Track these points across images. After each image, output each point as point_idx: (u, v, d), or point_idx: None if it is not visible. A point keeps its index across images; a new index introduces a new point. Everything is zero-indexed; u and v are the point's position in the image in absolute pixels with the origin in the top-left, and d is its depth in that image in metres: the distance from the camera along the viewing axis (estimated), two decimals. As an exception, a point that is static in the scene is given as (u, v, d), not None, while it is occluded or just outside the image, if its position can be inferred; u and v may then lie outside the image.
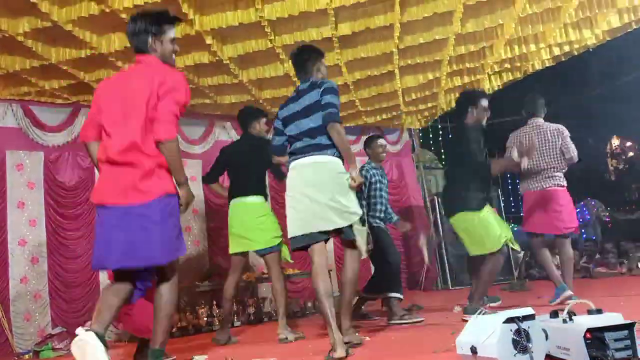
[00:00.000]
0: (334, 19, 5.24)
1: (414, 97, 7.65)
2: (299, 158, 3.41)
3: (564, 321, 2.25)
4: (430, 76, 7.06)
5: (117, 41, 5.21)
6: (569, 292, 4.74)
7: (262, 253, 4.56)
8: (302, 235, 3.39)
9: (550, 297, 4.89)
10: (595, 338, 2.08)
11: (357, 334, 3.73)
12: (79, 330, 2.54)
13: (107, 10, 4.57)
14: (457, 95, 4.96)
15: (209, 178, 5.04)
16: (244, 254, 4.66)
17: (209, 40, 5.24)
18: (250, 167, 4.64)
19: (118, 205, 2.66)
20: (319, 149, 3.36)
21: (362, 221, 4.68)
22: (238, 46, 5.60)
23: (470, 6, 5.43)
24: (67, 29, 4.81)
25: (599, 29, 6.44)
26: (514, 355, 2.08)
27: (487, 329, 2.15)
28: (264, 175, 4.82)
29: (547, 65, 7.42)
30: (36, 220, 6.27)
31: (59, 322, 6.08)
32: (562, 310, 2.31)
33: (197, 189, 7.52)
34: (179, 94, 2.77)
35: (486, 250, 4.27)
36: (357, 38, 5.87)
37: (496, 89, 8.05)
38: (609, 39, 6.81)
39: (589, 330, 2.08)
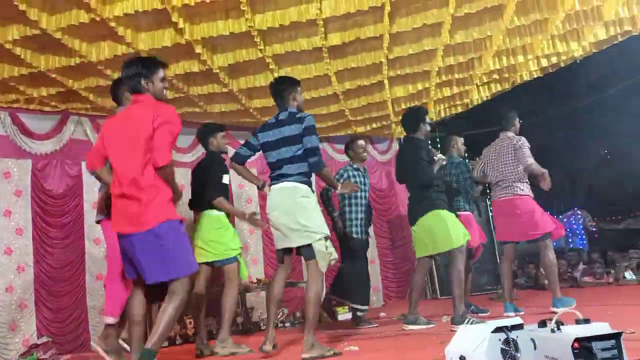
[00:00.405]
0: (323, 29, 5.26)
1: (403, 107, 7.68)
2: (272, 185, 3.95)
3: (552, 331, 2.26)
4: (420, 86, 7.11)
5: (107, 49, 5.19)
6: (510, 313, 4.94)
7: (218, 265, 4.67)
8: (277, 250, 4.01)
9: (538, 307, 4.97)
10: (583, 348, 2.09)
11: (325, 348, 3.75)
12: None
13: (97, 18, 4.56)
14: (407, 111, 5.26)
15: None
16: (209, 264, 4.70)
17: (199, 49, 5.24)
18: (206, 180, 4.74)
19: (129, 233, 3.10)
20: (286, 177, 3.84)
21: (338, 230, 4.81)
22: (228, 55, 5.61)
23: (459, 18, 5.48)
24: (56, 37, 4.79)
25: (586, 41, 6.53)
26: (503, 365, 2.09)
27: (476, 339, 2.16)
28: (222, 188, 4.80)
29: (535, 76, 7.50)
30: (23, 229, 6.21)
31: (44, 332, 6.00)
32: (551, 319, 2.32)
33: (185, 197, 7.50)
34: (172, 125, 3.15)
35: (454, 244, 4.54)
36: (347, 48, 5.90)
37: (485, 99, 8.12)
38: (595, 51, 6.91)
39: (576, 339, 2.09)
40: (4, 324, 5.87)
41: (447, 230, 4.58)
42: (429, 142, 4.86)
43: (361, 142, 5.84)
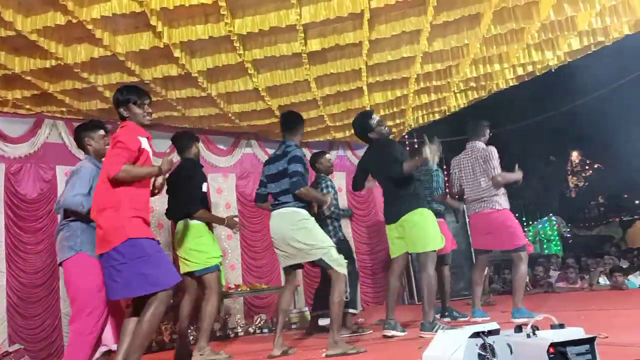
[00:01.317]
0: (303, 34, 5.27)
1: (382, 113, 7.72)
2: (273, 210, 4.37)
3: (528, 336, 2.28)
4: (398, 93, 7.16)
5: (83, 52, 5.12)
6: (478, 319, 5.02)
7: (199, 274, 4.57)
8: (283, 267, 4.45)
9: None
10: (558, 352, 2.12)
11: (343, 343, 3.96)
12: None
13: (74, 20, 4.50)
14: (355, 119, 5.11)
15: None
16: (192, 274, 4.62)
17: (177, 53, 5.20)
18: (186, 191, 4.67)
19: (101, 254, 3.24)
20: (284, 205, 4.26)
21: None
22: (207, 59, 5.58)
23: (437, 26, 5.54)
24: (31, 38, 4.71)
25: (560, 50, 6.65)
26: (480, 370, 2.11)
27: (453, 344, 2.17)
28: (201, 197, 4.72)
29: (511, 84, 7.62)
30: (-5, 234, 6.08)
31: (16, 339, 5.87)
32: (526, 325, 2.35)
33: (163, 202, 7.42)
34: (121, 143, 3.23)
35: (433, 246, 4.48)
36: (327, 54, 5.92)
37: (462, 106, 8.21)
38: (569, 60, 7.04)
39: (552, 344, 2.12)
40: (-25, 331, 5.73)
41: (430, 231, 4.51)
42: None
43: (329, 155, 6.05)
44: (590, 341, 2.16)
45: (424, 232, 4.49)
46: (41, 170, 6.52)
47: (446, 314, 5.76)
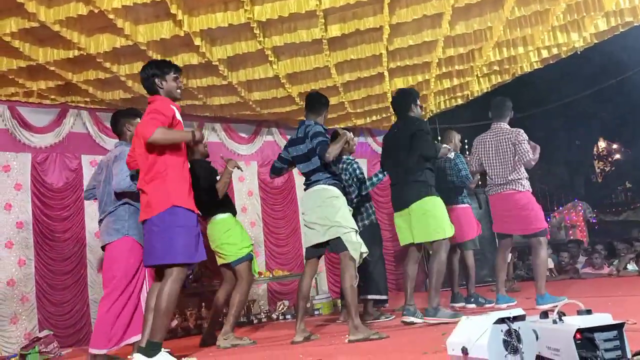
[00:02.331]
0: (323, 20, 5.24)
1: (403, 99, 7.66)
2: (305, 189, 4.39)
3: (554, 322, 2.25)
4: (420, 78, 7.08)
5: (105, 42, 5.17)
6: (502, 305, 5.02)
7: (234, 265, 4.71)
8: (306, 248, 4.43)
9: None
10: (585, 338, 2.09)
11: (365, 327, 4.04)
12: None
13: (95, 10, 4.53)
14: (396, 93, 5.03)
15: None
16: (228, 266, 4.78)
17: (197, 41, 5.21)
18: (212, 188, 4.73)
19: (148, 218, 3.38)
20: (316, 183, 4.28)
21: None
22: (227, 47, 5.58)
23: (459, 9, 5.45)
24: (54, 29, 4.76)
25: (587, 31, 6.49)
26: (505, 356, 2.09)
27: (478, 330, 2.16)
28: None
29: (536, 67, 7.47)
30: (23, 222, 6.21)
31: (46, 325, 6.01)
32: (552, 311, 2.32)
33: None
34: (155, 111, 3.36)
35: (445, 234, 4.41)
36: (347, 40, 5.87)
37: (485, 91, 8.10)
38: (596, 41, 6.87)
39: (578, 330, 2.09)
40: (6, 317, 5.88)
41: (442, 219, 4.45)
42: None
43: (351, 134, 5.70)
44: (618, 327, 2.12)
45: (434, 220, 4.42)
46: (67, 159, 6.62)
47: (472, 300, 5.74)
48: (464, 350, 2.19)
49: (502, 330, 2.11)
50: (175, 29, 5.03)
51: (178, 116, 3.50)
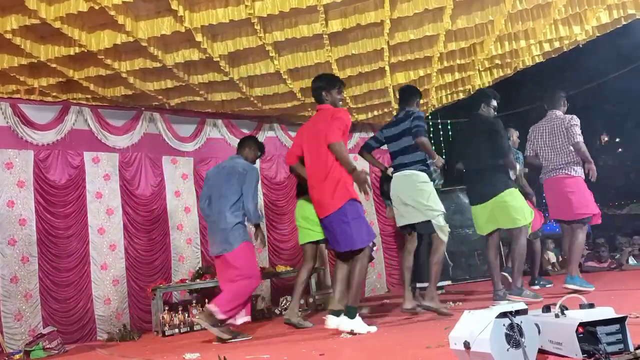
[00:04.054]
0: (324, 15, 5.22)
1: (405, 93, 7.64)
2: (394, 172, 4.76)
3: (557, 316, 2.26)
4: (421, 73, 7.06)
5: (106, 39, 5.16)
6: (577, 286, 5.05)
7: (322, 242, 5.09)
8: (399, 227, 4.85)
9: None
10: (587, 332, 2.09)
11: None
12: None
13: (96, 7, 4.53)
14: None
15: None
16: (312, 244, 5.18)
17: (199, 37, 5.21)
18: None
19: (325, 216, 4.09)
20: (406, 166, 4.67)
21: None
22: (228, 43, 5.57)
23: (460, 3, 5.44)
24: (55, 26, 4.76)
25: (589, 24, 6.46)
26: (507, 350, 2.09)
27: (480, 324, 2.16)
28: None
29: (537, 61, 7.45)
30: (26, 220, 6.23)
31: (50, 322, 6.04)
32: (555, 304, 2.32)
33: (189, 186, 7.53)
34: (340, 120, 4.04)
35: (527, 219, 4.89)
36: (348, 35, 5.86)
37: (487, 85, 8.07)
38: (598, 34, 6.84)
39: (581, 324, 2.09)
40: (10, 314, 5.90)
41: (522, 208, 4.90)
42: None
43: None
44: (620, 321, 2.12)
45: (514, 210, 4.86)
46: (69, 156, 6.63)
47: (535, 282, 6.29)
48: (467, 345, 2.19)
49: (504, 324, 2.11)
50: (176, 25, 5.02)
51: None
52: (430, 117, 10.02)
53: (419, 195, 4.55)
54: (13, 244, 6.10)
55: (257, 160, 5.31)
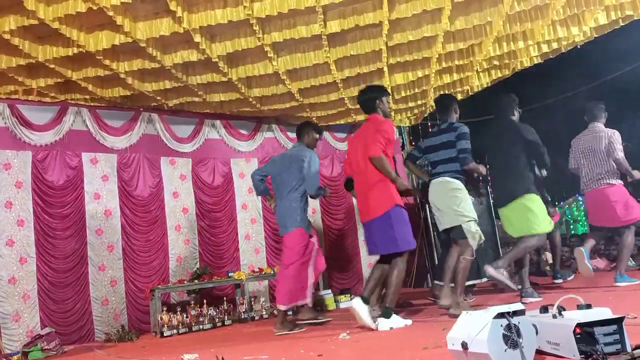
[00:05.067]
0: (322, 16, 5.23)
1: (403, 94, 7.64)
2: (432, 179, 4.94)
3: (554, 316, 2.26)
4: (420, 74, 7.07)
5: (105, 39, 5.15)
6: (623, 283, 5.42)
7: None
8: (441, 231, 4.97)
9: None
10: (584, 333, 2.10)
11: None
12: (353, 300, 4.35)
13: (94, 7, 4.52)
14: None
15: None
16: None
17: (197, 38, 5.21)
18: None
19: (370, 219, 4.42)
20: (442, 174, 4.83)
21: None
22: (227, 44, 5.57)
23: (458, 4, 5.44)
24: (54, 26, 4.75)
25: (587, 25, 6.47)
26: (505, 351, 2.09)
27: (477, 325, 2.16)
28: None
29: (536, 62, 7.45)
30: (24, 220, 6.21)
31: (48, 323, 6.03)
32: (552, 305, 2.33)
33: (188, 187, 7.53)
34: (383, 133, 4.35)
35: (544, 229, 4.96)
36: (346, 35, 5.86)
37: (485, 86, 8.08)
38: (596, 35, 6.86)
39: (578, 325, 2.09)
40: (8, 315, 5.89)
41: (543, 214, 4.97)
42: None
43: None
44: (618, 321, 2.13)
45: (538, 214, 4.92)
46: (67, 157, 6.62)
47: (558, 275, 6.37)
48: (464, 345, 2.20)
49: (502, 325, 2.12)
50: (175, 26, 5.01)
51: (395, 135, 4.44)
52: (428, 118, 10.01)
53: (451, 200, 4.72)
54: (11, 245, 6.09)
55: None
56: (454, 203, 4.70)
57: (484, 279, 6.42)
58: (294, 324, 5.06)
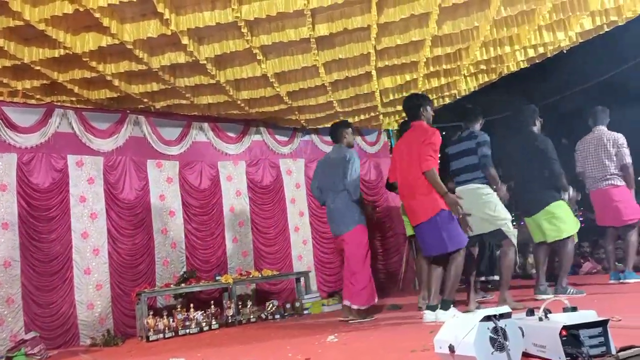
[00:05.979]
0: (311, 19, 5.23)
1: (391, 97, 7.67)
2: (459, 186, 5.06)
3: (540, 319, 2.28)
4: (408, 77, 7.09)
5: (91, 41, 5.11)
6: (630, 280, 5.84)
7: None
8: (469, 237, 4.85)
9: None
10: (570, 335, 2.11)
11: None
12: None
13: (81, 9, 4.48)
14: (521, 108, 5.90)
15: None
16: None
17: (185, 40, 5.18)
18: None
19: (418, 223, 4.59)
20: (469, 182, 4.99)
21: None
22: (215, 46, 5.55)
23: (446, 8, 5.47)
24: (39, 28, 4.71)
25: (572, 31, 6.54)
26: (492, 353, 2.10)
27: (464, 328, 2.17)
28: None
29: (522, 66, 7.51)
30: (8, 223, 6.14)
31: (32, 327, 5.96)
32: (538, 308, 2.34)
33: (174, 190, 7.48)
34: (433, 145, 4.45)
35: (573, 230, 5.28)
36: (335, 39, 5.87)
37: (472, 90, 8.13)
38: (581, 40, 6.93)
39: (564, 327, 2.11)
40: (-9, 319, 5.81)
41: (569, 218, 5.30)
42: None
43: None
44: (603, 324, 2.15)
45: (564, 219, 5.26)
46: (53, 159, 6.56)
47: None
48: (451, 348, 2.20)
49: (488, 328, 2.13)
50: (162, 28, 4.99)
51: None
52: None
53: (486, 207, 4.88)
54: (-5, 248, 6.02)
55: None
56: (489, 208, 4.87)
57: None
58: (367, 313, 5.43)
